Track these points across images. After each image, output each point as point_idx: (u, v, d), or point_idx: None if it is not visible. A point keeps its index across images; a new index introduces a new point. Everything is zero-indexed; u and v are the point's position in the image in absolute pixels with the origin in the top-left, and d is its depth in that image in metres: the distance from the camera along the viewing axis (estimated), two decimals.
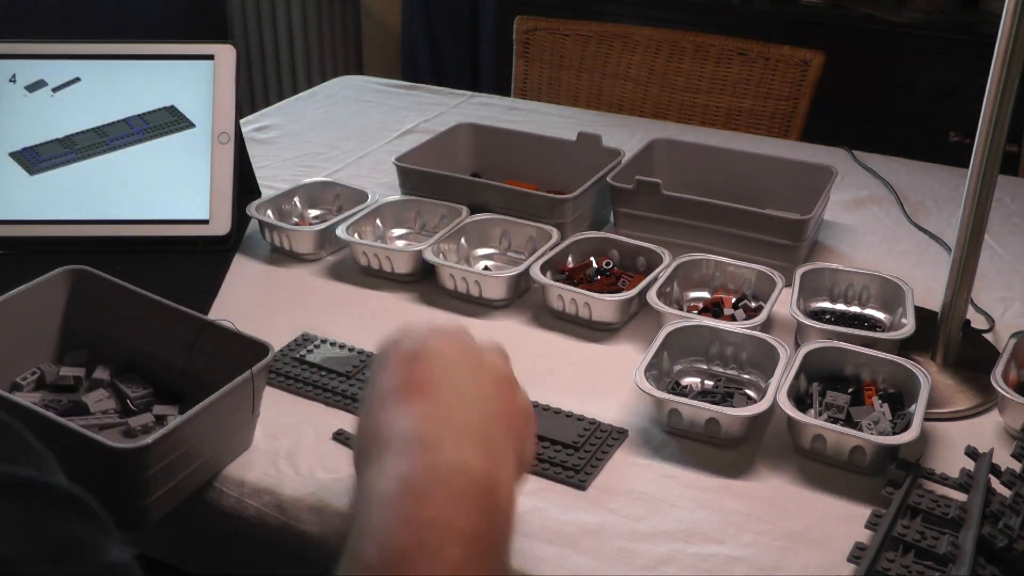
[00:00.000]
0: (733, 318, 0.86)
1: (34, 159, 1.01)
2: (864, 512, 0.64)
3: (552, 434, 0.72)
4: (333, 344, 0.84)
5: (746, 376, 0.80)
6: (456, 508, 0.49)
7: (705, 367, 0.81)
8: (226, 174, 1.02)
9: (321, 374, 0.80)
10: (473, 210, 1.01)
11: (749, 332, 0.79)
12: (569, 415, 0.75)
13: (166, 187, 1.02)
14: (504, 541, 0.51)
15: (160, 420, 0.72)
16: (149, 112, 1.04)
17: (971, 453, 0.68)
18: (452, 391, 0.56)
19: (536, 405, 0.76)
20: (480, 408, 0.56)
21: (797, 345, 0.82)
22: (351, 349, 0.83)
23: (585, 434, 0.73)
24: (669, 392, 0.74)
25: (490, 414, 0.56)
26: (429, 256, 0.92)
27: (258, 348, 0.69)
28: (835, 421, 0.72)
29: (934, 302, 0.84)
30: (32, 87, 1.03)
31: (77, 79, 1.04)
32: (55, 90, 1.04)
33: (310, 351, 0.83)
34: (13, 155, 1.01)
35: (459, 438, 0.53)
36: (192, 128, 1.04)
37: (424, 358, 0.57)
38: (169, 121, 1.04)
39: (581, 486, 0.68)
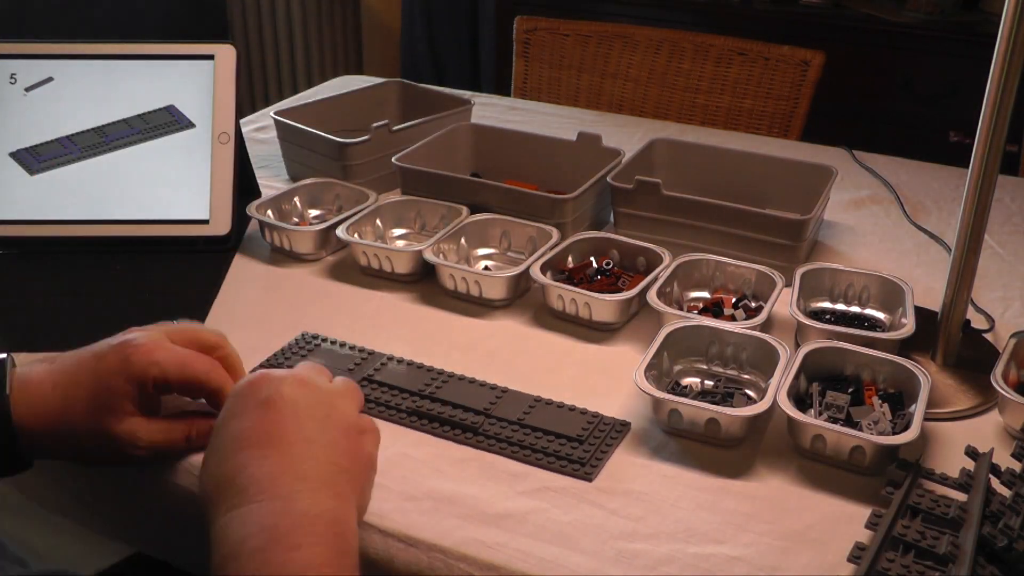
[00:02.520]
0: (733, 318, 0.86)
1: (34, 159, 1.01)
2: (864, 512, 0.64)
3: (556, 428, 0.73)
4: (333, 343, 0.84)
5: (746, 376, 0.80)
6: (320, 550, 0.53)
7: (705, 367, 0.81)
8: (226, 174, 1.02)
9: None
10: (473, 210, 1.01)
11: (749, 332, 0.79)
12: (572, 408, 0.75)
13: (166, 187, 1.02)
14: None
15: None
16: (149, 112, 1.04)
17: (971, 453, 0.68)
18: (302, 441, 0.59)
19: (539, 400, 0.76)
20: (327, 457, 0.60)
21: (797, 345, 0.82)
22: (351, 348, 0.83)
23: (589, 427, 0.73)
24: (669, 392, 0.74)
25: (336, 463, 0.60)
26: (429, 256, 0.92)
27: None
28: (835, 421, 0.72)
29: (934, 302, 0.84)
30: (32, 87, 1.03)
31: (76, 79, 1.04)
32: (55, 90, 1.04)
33: (310, 351, 0.83)
34: (13, 155, 1.01)
35: (312, 487, 0.57)
36: (192, 128, 1.04)
37: (277, 407, 0.60)
38: (169, 121, 1.04)
39: (588, 478, 0.69)
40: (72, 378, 0.65)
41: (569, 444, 0.71)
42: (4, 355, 0.66)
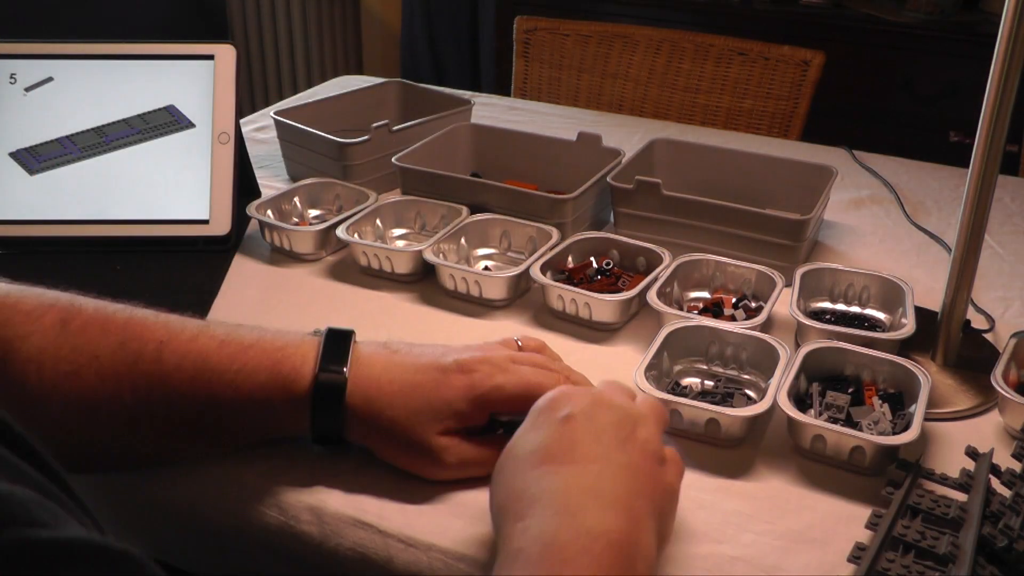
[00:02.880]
0: (733, 318, 0.86)
1: (34, 159, 1.01)
2: (864, 512, 0.64)
3: None
4: None
5: (746, 376, 0.80)
6: (595, 571, 0.50)
7: (705, 367, 0.81)
8: (226, 174, 1.02)
9: None
10: (473, 210, 1.01)
11: (749, 332, 0.79)
12: None
13: (166, 187, 1.02)
14: None
15: None
16: (149, 112, 1.04)
17: (971, 453, 0.68)
18: (599, 459, 0.57)
19: None
20: (625, 480, 0.56)
21: (797, 345, 0.82)
22: None
23: None
24: (669, 392, 0.74)
25: (635, 487, 0.57)
26: (429, 256, 0.92)
27: None
28: (835, 421, 0.72)
29: (934, 302, 0.84)
30: (32, 87, 1.03)
31: (76, 79, 1.04)
32: (55, 90, 1.04)
33: None
34: (13, 155, 1.01)
35: (603, 505, 0.54)
36: (192, 128, 1.04)
37: (576, 423, 0.58)
38: (169, 121, 1.04)
39: None
40: (412, 379, 0.65)
41: None
42: (350, 330, 0.67)
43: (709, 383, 0.79)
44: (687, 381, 0.80)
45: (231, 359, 0.64)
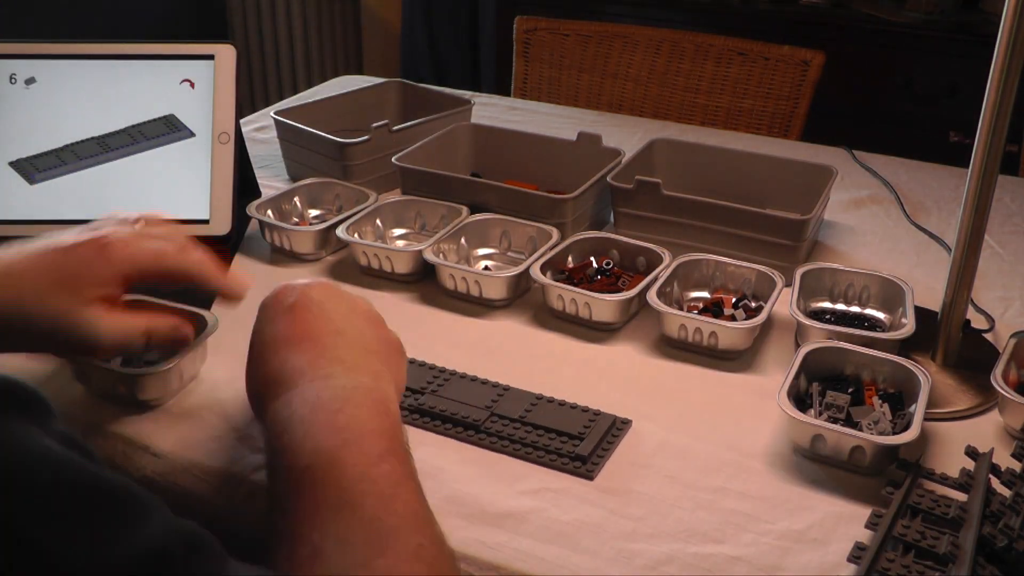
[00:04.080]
0: (733, 318, 0.86)
1: (33, 169, 1.01)
2: (864, 512, 0.64)
3: (558, 426, 0.73)
4: None
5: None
6: (364, 412, 0.58)
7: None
8: (226, 174, 1.02)
9: None
10: (473, 210, 1.01)
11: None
12: (574, 406, 0.75)
13: (166, 187, 1.02)
14: (406, 444, 0.58)
15: None
16: (149, 122, 1.04)
17: (971, 453, 0.68)
18: (332, 333, 0.64)
19: (540, 398, 0.76)
20: (358, 343, 0.64)
21: (797, 345, 0.82)
22: None
23: (590, 425, 0.73)
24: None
25: (366, 347, 0.65)
26: (429, 256, 0.92)
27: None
28: (835, 421, 0.72)
29: (934, 302, 0.84)
30: (31, 87, 1.03)
31: (76, 79, 1.04)
32: (54, 90, 1.04)
33: None
34: (13, 164, 1.01)
35: (347, 367, 0.61)
36: (192, 137, 1.04)
37: (305, 307, 0.65)
38: (169, 130, 1.04)
39: (588, 475, 0.69)
40: (33, 264, 0.64)
41: (571, 442, 0.71)
42: None
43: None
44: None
45: None
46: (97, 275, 0.64)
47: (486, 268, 0.98)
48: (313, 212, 1.08)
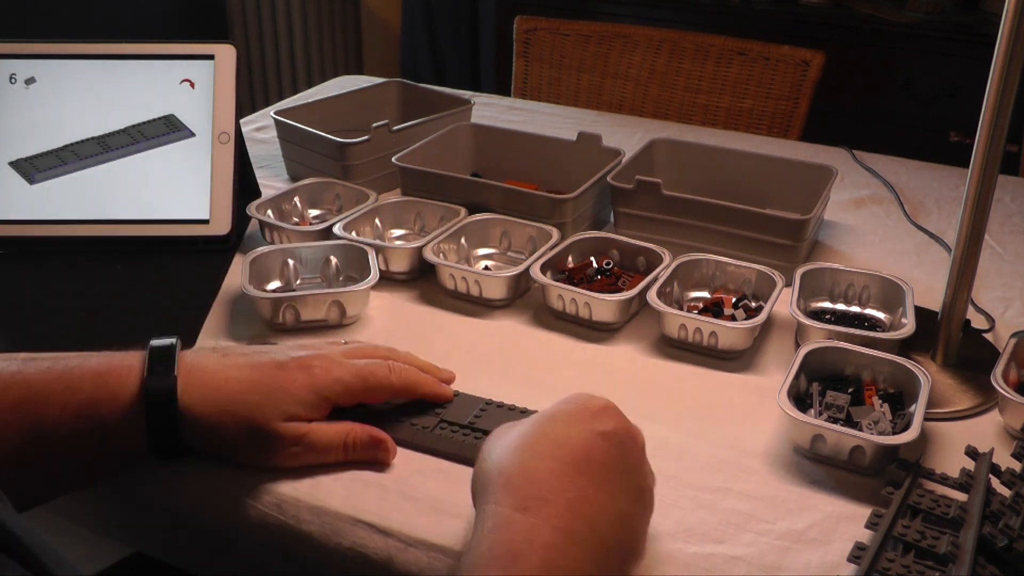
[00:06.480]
0: (733, 318, 0.86)
1: (33, 169, 1.01)
2: (864, 512, 0.64)
3: None
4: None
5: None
6: None
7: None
8: (226, 174, 1.02)
9: None
10: (473, 210, 1.01)
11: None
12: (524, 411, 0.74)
13: (166, 187, 1.02)
14: None
15: None
16: (149, 122, 1.04)
17: (971, 453, 0.68)
18: (613, 494, 0.57)
19: (525, 411, 0.75)
20: (619, 527, 0.57)
21: (797, 345, 0.82)
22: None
23: None
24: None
25: (624, 534, 0.57)
26: (429, 256, 0.92)
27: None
28: (835, 421, 0.72)
29: (934, 302, 0.84)
30: (31, 87, 1.03)
31: (76, 79, 1.04)
32: (54, 90, 1.04)
33: None
34: (12, 164, 1.01)
35: (594, 545, 0.54)
36: (192, 137, 1.04)
37: (612, 444, 0.58)
38: (169, 130, 1.04)
39: None
40: (249, 374, 0.65)
41: None
42: (173, 340, 0.66)
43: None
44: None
45: (57, 379, 0.62)
46: (307, 393, 0.66)
47: (486, 268, 0.97)
48: (313, 212, 1.08)
